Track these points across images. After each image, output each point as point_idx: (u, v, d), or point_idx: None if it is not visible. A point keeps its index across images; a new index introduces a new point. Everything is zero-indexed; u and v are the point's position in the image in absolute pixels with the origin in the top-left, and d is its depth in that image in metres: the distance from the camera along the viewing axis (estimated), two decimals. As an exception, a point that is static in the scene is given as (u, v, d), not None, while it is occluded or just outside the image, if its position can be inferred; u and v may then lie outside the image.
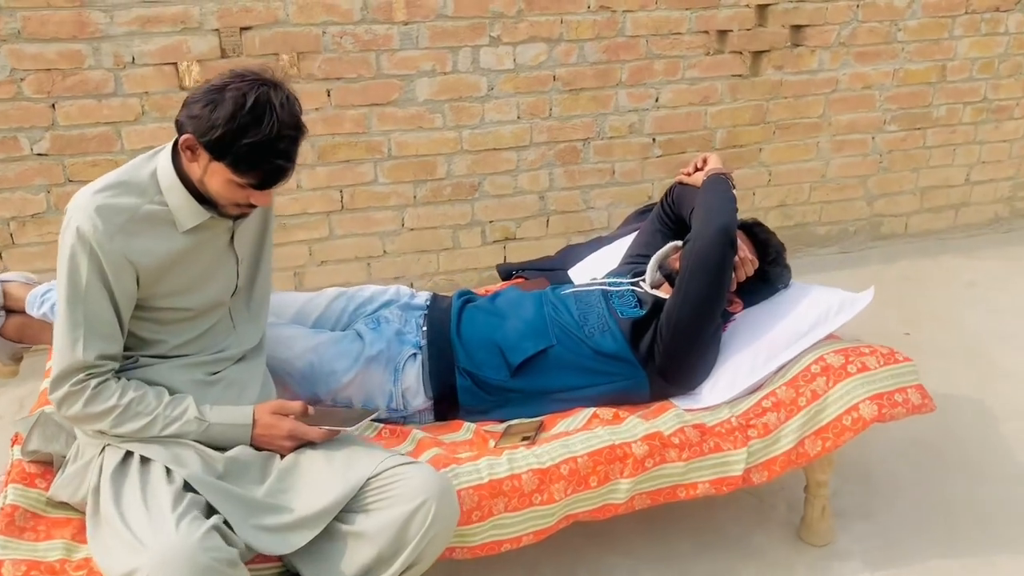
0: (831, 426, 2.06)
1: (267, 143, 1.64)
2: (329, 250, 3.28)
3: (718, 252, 2.08)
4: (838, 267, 3.87)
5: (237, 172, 1.68)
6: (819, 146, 3.74)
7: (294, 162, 1.72)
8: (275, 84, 1.66)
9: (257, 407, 1.80)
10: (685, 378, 2.14)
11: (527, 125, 3.32)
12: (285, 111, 1.65)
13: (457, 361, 2.18)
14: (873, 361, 2.12)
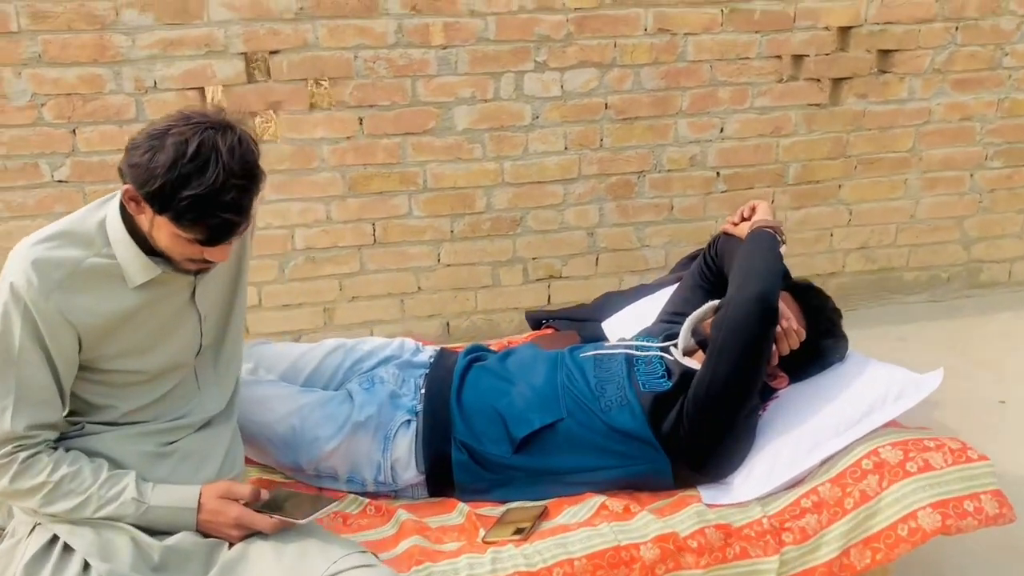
0: (883, 535, 1.74)
1: (211, 195, 1.45)
2: (360, 285, 3.10)
3: (753, 324, 1.78)
4: (927, 317, 3.47)
5: (181, 227, 1.49)
6: (908, 183, 3.35)
7: (246, 215, 1.53)
8: (225, 127, 1.47)
9: (205, 489, 1.60)
10: (713, 468, 1.85)
11: (575, 156, 3.06)
12: (234, 158, 1.46)
13: (454, 431, 1.94)
14: (939, 459, 1.78)
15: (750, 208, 2.11)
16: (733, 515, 1.79)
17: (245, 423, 1.92)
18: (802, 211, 3.31)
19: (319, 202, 2.95)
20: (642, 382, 1.92)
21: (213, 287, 1.73)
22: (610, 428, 1.89)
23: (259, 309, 3.05)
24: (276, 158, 2.86)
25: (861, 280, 3.48)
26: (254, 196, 1.53)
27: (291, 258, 3.00)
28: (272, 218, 2.94)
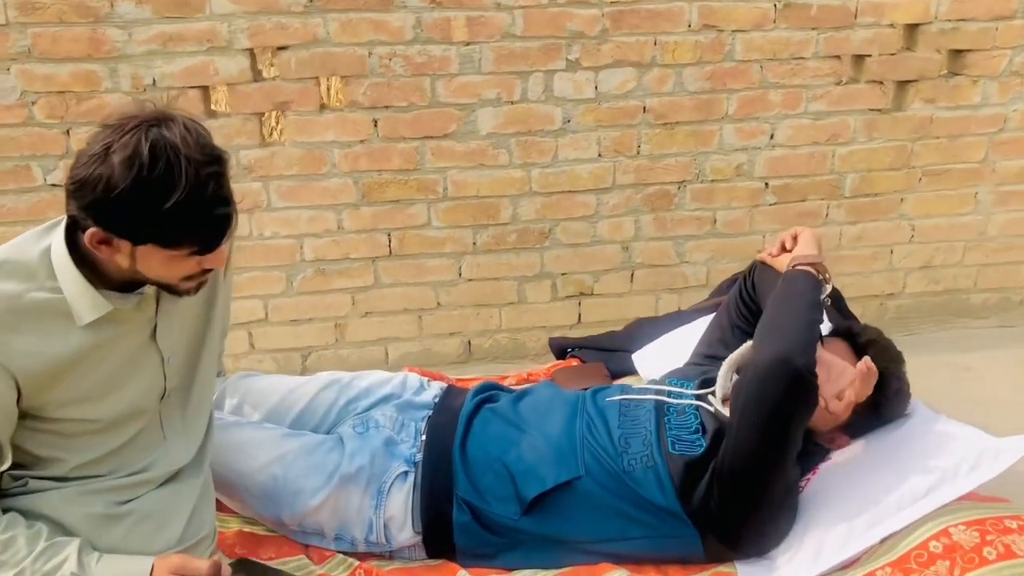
0: (954, 634, 1.47)
1: (191, 197, 1.24)
2: (374, 300, 2.87)
3: (775, 391, 1.51)
4: (996, 345, 3.15)
5: (173, 246, 1.29)
6: (978, 197, 3.03)
7: (232, 203, 1.32)
8: (163, 119, 1.25)
9: (157, 562, 1.39)
10: (748, 546, 1.60)
11: (609, 164, 2.80)
12: (192, 147, 1.24)
13: (456, 487, 1.71)
14: (1022, 543, 1.51)
15: (791, 237, 1.84)
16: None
17: (221, 472, 1.71)
18: (859, 226, 3.01)
19: (330, 210, 2.73)
20: (672, 440, 1.67)
21: (178, 323, 1.51)
22: (633, 492, 1.64)
23: (265, 324, 2.84)
24: (284, 162, 2.65)
25: (923, 302, 3.17)
26: (229, 180, 1.32)
27: (300, 270, 2.79)
28: (279, 227, 2.73)
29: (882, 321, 3.17)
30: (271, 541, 1.76)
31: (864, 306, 3.14)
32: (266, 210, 2.70)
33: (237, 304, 2.80)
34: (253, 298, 2.81)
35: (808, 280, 1.69)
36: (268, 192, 2.68)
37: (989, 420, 2.72)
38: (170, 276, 1.36)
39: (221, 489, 1.75)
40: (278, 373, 2.86)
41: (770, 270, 1.84)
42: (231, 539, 1.75)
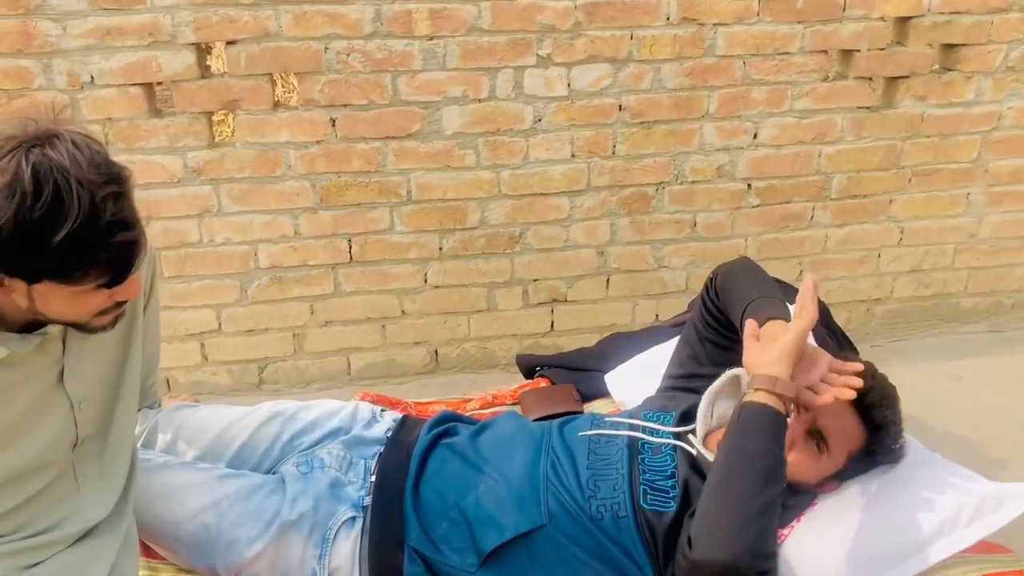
0: None
1: (88, 225, 1.08)
2: (334, 309, 2.71)
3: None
4: (987, 351, 3.03)
5: (74, 282, 1.12)
6: (970, 198, 2.90)
7: (137, 226, 1.16)
8: (47, 137, 1.09)
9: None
10: None
11: (583, 165, 2.64)
12: (83, 167, 1.08)
13: (407, 535, 1.56)
14: (1027, 603, 1.38)
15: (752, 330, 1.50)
16: (755, 667, 1.39)
17: (148, 520, 1.55)
18: (846, 229, 2.87)
19: (285, 215, 2.56)
20: (644, 487, 1.52)
21: (91, 363, 1.35)
22: (601, 544, 1.50)
23: (218, 335, 2.68)
24: (235, 164, 2.48)
25: (912, 307, 3.04)
26: (132, 199, 1.16)
27: (254, 277, 2.63)
28: (232, 232, 2.56)
29: (869, 327, 3.05)
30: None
31: (851, 311, 3.01)
32: (217, 215, 2.53)
33: (188, 314, 2.64)
34: (205, 308, 2.65)
35: (766, 423, 1.34)
36: (219, 196, 2.51)
37: (980, 432, 2.61)
38: (78, 314, 1.20)
39: (148, 538, 1.61)
40: (233, 385, 2.72)
41: (736, 274, 1.68)
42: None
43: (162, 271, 2.56)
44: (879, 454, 1.55)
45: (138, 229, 1.16)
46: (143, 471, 1.58)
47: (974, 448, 2.54)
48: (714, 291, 1.71)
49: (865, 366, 1.55)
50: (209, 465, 1.66)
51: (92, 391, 1.37)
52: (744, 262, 1.72)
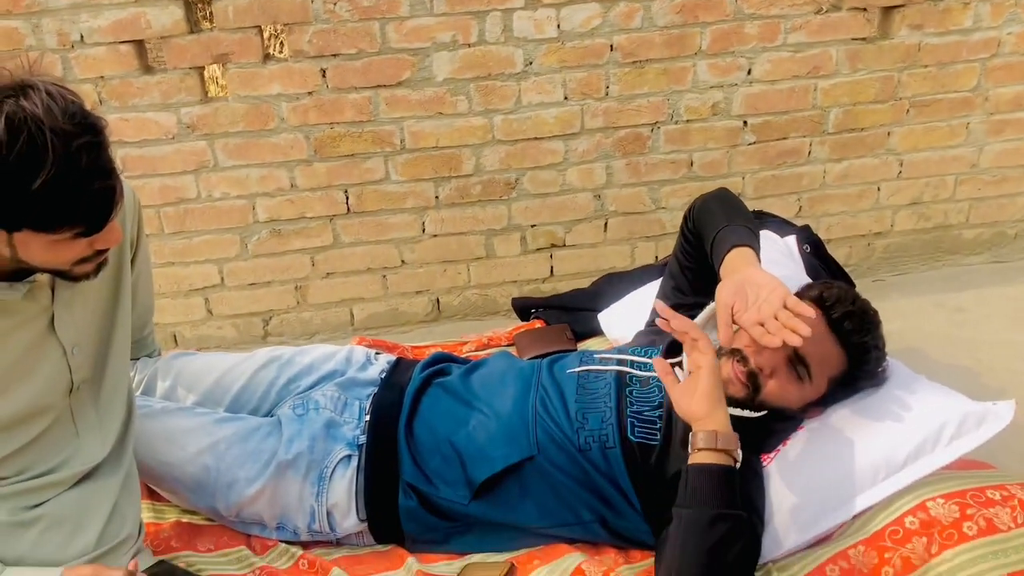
0: (931, 616, 1.37)
1: (63, 174, 1.10)
2: (335, 260, 2.74)
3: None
4: (989, 282, 3.02)
5: (52, 230, 1.15)
6: (970, 128, 2.86)
7: (114, 175, 1.17)
8: (21, 87, 1.10)
9: (66, 574, 1.28)
10: None
11: (576, 108, 2.64)
12: (58, 117, 1.10)
13: (401, 471, 1.60)
14: (1006, 516, 1.40)
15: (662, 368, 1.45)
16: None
17: (150, 464, 1.60)
18: (844, 164, 2.85)
19: (281, 168, 2.58)
20: (631, 420, 1.55)
21: (81, 310, 1.38)
22: (587, 474, 1.53)
23: (222, 289, 2.72)
24: (228, 118, 2.49)
25: (913, 240, 3.03)
26: (108, 149, 1.17)
27: (254, 231, 2.65)
28: (229, 187, 2.58)
29: (870, 261, 3.04)
30: (210, 532, 1.66)
31: (851, 247, 3.00)
32: (213, 170, 2.55)
33: (191, 269, 2.68)
34: (207, 263, 2.68)
35: (716, 486, 1.32)
36: (214, 151, 2.53)
37: (981, 363, 2.61)
38: (58, 262, 1.22)
39: (152, 481, 1.65)
40: (239, 339, 2.77)
41: (709, 204, 1.68)
42: (167, 531, 1.64)
43: (162, 227, 2.59)
44: (861, 379, 1.56)
45: (114, 178, 1.18)
46: (143, 417, 1.62)
47: (974, 378, 2.55)
48: (692, 222, 1.71)
49: (845, 292, 1.56)
50: (208, 410, 1.69)
51: (84, 338, 1.40)
52: (720, 192, 1.72)
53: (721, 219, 1.59)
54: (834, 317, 1.52)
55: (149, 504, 1.69)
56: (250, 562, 1.60)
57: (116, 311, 1.45)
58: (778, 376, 1.51)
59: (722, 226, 1.56)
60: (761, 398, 1.51)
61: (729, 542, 1.28)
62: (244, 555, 1.62)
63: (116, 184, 1.18)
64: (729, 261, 1.49)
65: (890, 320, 1.71)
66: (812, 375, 1.51)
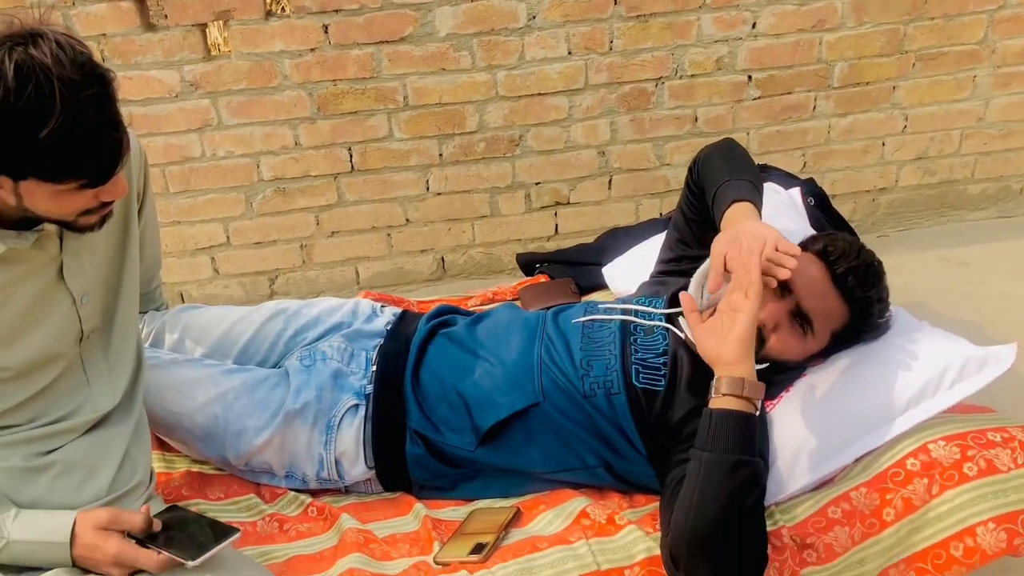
0: (931, 554, 1.39)
1: (70, 124, 1.10)
2: (339, 219, 2.75)
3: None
4: (994, 237, 3.02)
5: (57, 180, 1.15)
6: (976, 81, 2.85)
7: (121, 127, 1.17)
8: (30, 36, 1.10)
9: (81, 517, 1.30)
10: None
11: (580, 63, 2.62)
12: (66, 66, 1.10)
13: (408, 419, 1.62)
14: (1006, 458, 1.41)
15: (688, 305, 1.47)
16: (743, 527, 1.44)
17: (160, 414, 1.62)
18: (849, 118, 2.84)
19: (284, 125, 2.58)
20: (636, 366, 1.56)
21: (89, 260, 1.39)
22: (592, 419, 1.54)
23: (228, 248, 2.73)
24: (231, 76, 2.49)
25: (918, 196, 3.02)
26: (116, 102, 1.18)
27: (258, 190, 2.66)
28: (233, 145, 2.58)
29: (875, 217, 3.04)
30: (220, 480, 1.68)
31: (856, 202, 3.00)
32: (217, 128, 2.55)
33: (196, 229, 2.69)
34: (213, 222, 2.69)
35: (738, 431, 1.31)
36: (217, 109, 2.53)
37: (984, 316, 2.62)
38: (63, 212, 1.23)
39: (162, 431, 1.67)
40: (246, 298, 2.78)
41: (713, 156, 1.68)
42: (178, 480, 1.67)
43: (167, 186, 2.60)
44: (864, 331, 1.56)
45: (121, 130, 1.18)
46: (152, 368, 1.64)
47: (978, 331, 2.55)
48: (696, 174, 1.71)
49: (849, 244, 1.56)
50: (216, 362, 1.71)
51: (92, 287, 1.41)
52: (725, 143, 1.72)
53: (723, 173, 1.59)
54: (838, 272, 1.52)
55: (159, 455, 1.71)
56: (260, 509, 1.63)
57: (124, 261, 1.46)
58: (781, 330, 1.51)
59: (724, 180, 1.56)
60: (764, 352, 1.52)
61: (748, 488, 1.30)
62: (254, 503, 1.64)
63: (123, 136, 1.18)
64: (729, 216, 1.50)
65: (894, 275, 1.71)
66: (815, 329, 1.51)
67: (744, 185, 1.54)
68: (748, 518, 1.30)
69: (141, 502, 1.45)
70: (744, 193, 1.52)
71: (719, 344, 1.36)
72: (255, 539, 1.54)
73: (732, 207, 1.50)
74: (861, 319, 1.55)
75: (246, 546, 1.51)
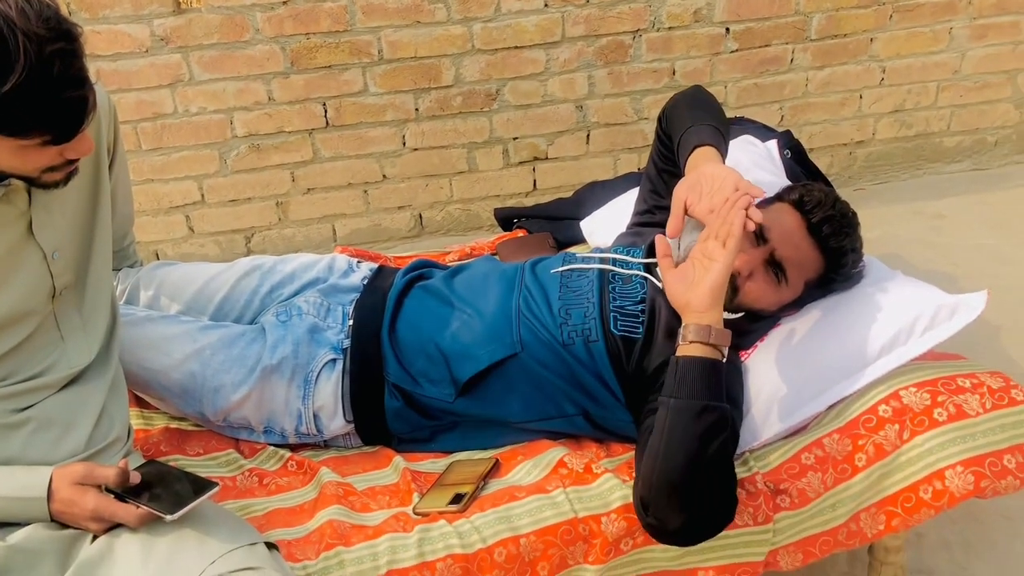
0: (901, 498, 1.42)
1: (34, 79, 1.08)
2: (315, 175, 2.72)
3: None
4: (969, 190, 3.04)
5: (20, 135, 1.13)
6: (952, 33, 2.85)
7: (87, 84, 1.15)
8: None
9: (57, 472, 1.30)
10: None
11: (557, 15, 2.60)
12: (32, 20, 1.07)
13: (386, 372, 1.62)
14: (975, 403, 1.44)
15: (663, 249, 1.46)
16: (717, 474, 1.46)
17: (136, 371, 1.61)
18: (826, 71, 2.84)
19: (257, 80, 2.54)
20: (614, 314, 1.56)
21: (60, 215, 1.37)
22: (570, 368, 1.55)
23: (202, 206, 2.70)
24: (202, 30, 2.45)
25: (894, 148, 3.03)
26: (83, 58, 1.16)
27: (232, 147, 2.63)
28: (206, 101, 2.55)
29: (852, 170, 3.05)
30: (199, 436, 1.68)
31: (833, 155, 3.01)
32: (189, 84, 2.51)
33: (171, 187, 2.66)
34: (187, 179, 2.66)
35: (704, 377, 1.31)
36: (189, 64, 2.49)
37: (959, 267, 2.65)
38: (26, 168, 1.21)
39: (138, 388, 1.67)
40: (222, 256, 2.76)
41: (679, 103, 1.67)
42: (156, 436, 1.67)
43: (139, 143, 2.56)
44: (838, 281, 1.57)
45: (87, 88, 1.16)
46: (127, 325, 1.63)
47: (952, 282, 2.59)
48: (664, 122, 1.71)
49: (825, 194, 1.56)
50: (191, 318, 1.70)
51: (64, 242, 1.39)
52: (692, 91, 1.71)
53: (687, 119, 1.58)
54: (813, 222, 1.53)
55: (137, 411, 1.71)
56: (239, 464, 1.63)
57: (96, 217, 1.44)
58: (755, 279, 1.52)
59: (687, 127, 1.56)
60: (738, 300, 1.53)
61: (714, 433, 1.30)
62: (233, 458, 1.64)
63: (88, 94, 1.16)
64: (691, 161, 1.49)
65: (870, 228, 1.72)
66: (789, 278, 1.52)
67: (707, 130, 1.54)
68: (715, 462, 1.31)
69: (119, 458, 1.45)
70: (706, 138, 1.51)
71: (688, 291, 1.36)
72: (235, 493, 1.55)
73: (694, 152, 1.50)
74: (835, 268, 1.56)
75: (226, 500, 1.52)
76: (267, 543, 1.31)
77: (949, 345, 1.53)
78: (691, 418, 1.30)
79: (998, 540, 1.83)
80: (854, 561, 1.79)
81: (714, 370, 1.33)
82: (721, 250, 1.35)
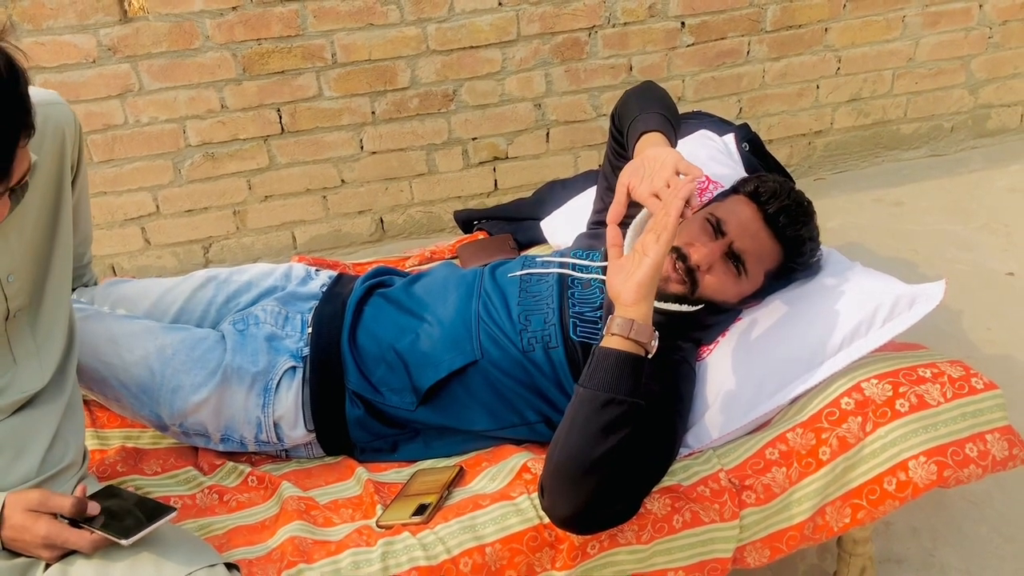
0: (866, 490, 1.42)
1: None
2: (272, 182, 2.69)
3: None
4: (927, 176, 3.07)
5: None
6: (905, 21, 2.87)
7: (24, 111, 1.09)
8: None
9: (10, 498, 1.26)
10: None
11: (512, 13, 2.58)
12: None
13: (347, 380, 1.60)
14: (936, 393, 1.44)
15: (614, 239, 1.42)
16: (682, 472, 1.46)
17: (94, 365, 1.57)
18: (783, 62, 2.85)
19: (209, 88, 2.50)
20: (574, 320, 1.55)
21: (16, 238, 1.33)
22: (531, 376, 1.54)
23: (158, 217, 2.66)
24: (151, 39, 2.40)
25: (852, 137, 3.05)
26: (22, 89, 1.11)
27: (186, 156, 2.58)
28: (157, 111, 2.50)
29: (811, 160, 3.07)
30: (155, 455, 1.65)
31: (792, 146, 3.02)
32: (139, 94, 2.47)
33: (124, 199, 2.61)
34: (140, 191, 2.61)
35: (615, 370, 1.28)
36: (138, 73, 2.44)
37: (918, 253, 2.67)
38: None
39: (95, 384, 1.62)
40: (180, 268, 2.72)
41: (628, 98, 1.66)
42: (113, 456, 1.63)
43: (91, 155, 2.51)
44: (797, 270, 1.58)
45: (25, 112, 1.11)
46: (89, 319, 1.59)
47: (912, 268, 2.61)
48: (616, 118, 1.70)
49: (780, 185, 1.56)
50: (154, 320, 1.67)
51: (20, 265, 1.35)
52: (642, 85, 1.70)
53: (636, 110, 1.57)
54: (769, 212, 1.53)
55: (93, 431, 1.67)
56: (199, 482, 1.60)
57: (55, 237, 1.40)
58: (715, 272, 1.52)
59: (635, 116, 1.55)
60: (699, 293, 1.52)
61: (617, 427, 1.27)
62: (192, 475, 1.61)
63: (26, 118, 1.11)
64: (638, 148, 1.48)
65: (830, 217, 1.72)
66: (748, 270, 1.53)
67: (655, 118, 1.53)
68: (613, 457, 1.27)
69: (74, 482, 1.41)
70: (652, 124, 1.50)
71: (622, 283, 1.33)
72: (195, 512, 1.52)
73: (641, 139, 1.49)
74: (793, 258, 1.56)
75: (185, 519, 1.49)
76: (227, 563, 1.28)
77: (910, 333, 1.53)
78: (594, 409, 1.27)
79: (964, 525, 1.84)
80: (824, 553, 1.80)
81: (630, 365, 1.29)
82: (654, 245, 1.32)
